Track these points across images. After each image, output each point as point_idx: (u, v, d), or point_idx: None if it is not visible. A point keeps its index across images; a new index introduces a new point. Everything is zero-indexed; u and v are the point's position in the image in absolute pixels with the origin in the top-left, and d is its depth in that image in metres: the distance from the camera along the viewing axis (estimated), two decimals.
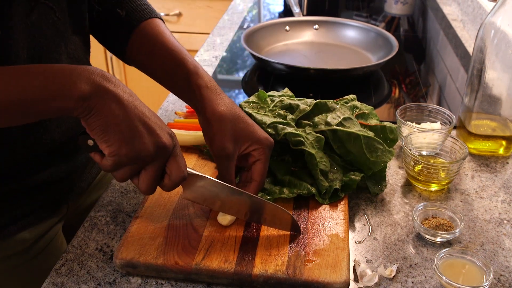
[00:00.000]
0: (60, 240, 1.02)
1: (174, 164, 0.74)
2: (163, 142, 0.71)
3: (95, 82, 0.67)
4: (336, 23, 1.67)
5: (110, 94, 0.68)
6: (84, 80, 0.66)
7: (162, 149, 0.71)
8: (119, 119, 0.68)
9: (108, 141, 0.69)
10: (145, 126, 0.70)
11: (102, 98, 0.67)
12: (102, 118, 0.68)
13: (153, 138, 0.70)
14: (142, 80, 2.63)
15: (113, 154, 0.69)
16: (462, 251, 0.79)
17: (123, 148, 0.69)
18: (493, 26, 1.00)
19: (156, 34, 0.94)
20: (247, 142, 0.86)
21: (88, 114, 0.67)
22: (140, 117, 0.70)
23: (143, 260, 0.77)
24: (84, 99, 0.66)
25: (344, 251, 0.80)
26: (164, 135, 0.72)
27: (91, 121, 0.68)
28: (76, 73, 0.67)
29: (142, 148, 0.69)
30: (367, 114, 1.02)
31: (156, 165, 0.72)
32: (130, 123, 0.69)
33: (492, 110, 1.06)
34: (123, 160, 0.70)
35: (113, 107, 0.68)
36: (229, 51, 1.64)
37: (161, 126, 0.72)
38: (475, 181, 1.01)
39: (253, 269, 0.76)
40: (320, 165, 0.91)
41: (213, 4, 2.50)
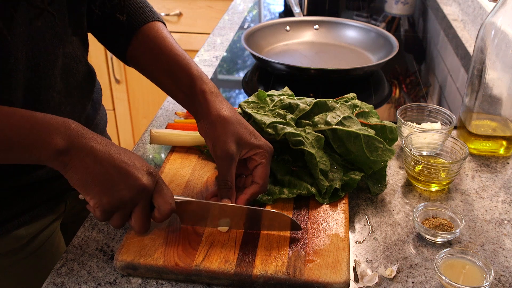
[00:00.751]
0: (58, 238, 1.02)
1: (159, 198, 0.77)
2: (140, 184, 0.74)
3: (71, 137, 0.71)
4: (337, 23, 1.67)
5: (84, 149, 0.71)
6: (60, 135, 0.70)
7: (141, 190, 0.75)
8: (95, 172, 0.72)
9: (89, 194, 0.73)
10: (121, 172, 0.73)
11: (77, 154, 0.71)
12: (78, 173, 0.72)
13: (130, 182, 0.73)
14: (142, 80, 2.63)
15: (97, 205, 0.73)
16: (463, 251, 0.79)
17: (104, 198, 0.73)
18: (494, 26, 1.00)
19: (158, 38, 0.95)
20: (248, 146, 0.87)
21: (64, 168, 0.71)
22: (115, 165, 0.73)
23: (143, 262, 0.77)
24: (59, 154, 0.70)
25: (344, 251, 0.79)
26: (142, 175, 0.75)
27: (69, 176, 0.72)
28: (53, 127, 0.70)
29: (122, 195, 0.73)
30: (367, 113, 1.02)
31: (141, 205, 0.76)
32: (105, 174, 0.72)
33: (492, 110, 1.06)
34: (107, 209, 0.74)
35: (87, 161, 0.71)
36: (229, 51, 1.64)
37: (139, 167, 0.75)
38: (475, 181, 1.01)
39: (253, 270, 0.76)
40: (320, 165, 0.91)
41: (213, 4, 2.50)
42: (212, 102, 0.88)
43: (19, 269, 0.94)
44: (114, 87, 2.67)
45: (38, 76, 0.82)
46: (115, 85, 2.66)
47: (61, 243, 1.03)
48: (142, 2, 0.98)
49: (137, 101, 2.73)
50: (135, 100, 2.73)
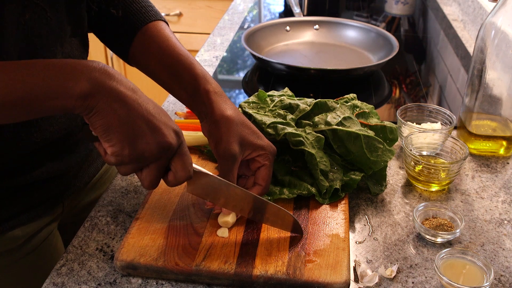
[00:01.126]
0: (55, 238, 1.02)
1: (179, 162, 0.73)
2: (167, 142, 0.70)
3: (96, 80, 0.66)
4: (337, 23, 1.67)
5: (112, 92, 0.67)
6: (85, 77, 0.65)
7: (166, 149, 0.71)
8: (121, 119, 0.67)
9: (111, 141, 0.68)
10: (149, 125, 0.69)
11: (104, 97, 0.66)
12: (103, 118, 0.67)
13: (157, 137, 0.69)
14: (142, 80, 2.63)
15: (116, 154, 0.69)
16: (463, 252, 0.79)
17: (126, 148, 0.68)
18: (494, 26, 1.00)
19: (161, 38, 0.94)
20: (251, 148, 0.86)
21: (89, 112, 0.67)
22: (143, 116, 0.69)
23: (143, 262, 0.77)
24: (85, 98, 0.65)
25: (344, 251, 0.79)
26: (169, 133, 0.71)
27: (93, 120, 0.67)
28: (77, 70, 0.66)
29: (145, 149, 0.69)
30: (367, 113, 1.02)
31: (160, 163, 0.72)
32: (132, 123, 0.68)
33: (492, 111, 1.06)
34: (125, 160, 0.69)
35: (115, 106, 0.67)
36: (229, 51, 1.64)
37: (166, 123, 0.71)
38: (475, 181, 1.01)
39: (254, 270, 0.76)
40: (320, 165, 0.91)
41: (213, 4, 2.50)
42: (216, 102, 0.87)
43: (16, 270, 0.94)
44: None
45: None
46: None
47: (59, 244, 1.03)
48: (144, 2, 0.98)
49: None
50: None
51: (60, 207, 1.01)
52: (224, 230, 0.83)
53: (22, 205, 0.91)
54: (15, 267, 0.94)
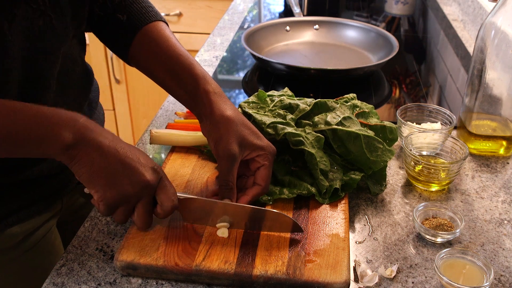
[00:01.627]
0: (54, 235, 1.02)
1: (162, 194, 0.78)
2: (144, 180, 0.75)
3: (78, 132, 0.72)
4: (337, 23, 1.67)
5: (91, 143, 0.72)
6: (68, 129, 0.71)
7: (145, 186, 0.75)
8: (100, 166, 0.73)
9: (94, 188, 0.74)
10: (126, 168, 0.74)
11: (84, 148, 0.72)
12: (85, 167, 0.73)
13: (135, 177, 0.75)
14: (142, 80, 2.63)
15: (101, 199, 0.74)
16: (463, 251, 0.79)
17: (108, 192, 0.74)
18: (494, 26, 1.00)
19: (161, 38, 0.94)
20: (251, 148, 0.86)
21: (71, 161, 0.72)
22: (121, 160, 0.74)
23: (143, 262, 0.77)
24: (67, 148, 0.71)
25: (344, 251, 0.79)
26: (146, 171, 0.76)
27: (76, 169, 0.73)
28: (62, 121, 0.72)
29: (126, 189, 0.74)
30: (367, 113, 1.02)
31: (144, 201, 0.77)
32: (111, 168, 0.73)
33: (492, 110, 1.06)
34: (111, 203, 0.75)
35: (94, 155, 0.72)
36: (229, 51, 1.64)
37: (143, 163, 0.76)
38: (475, 181, 1.01)
39: (253, 270, 0.76)
40: (320, 165, 0.91)
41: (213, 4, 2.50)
42: (215, 102, 0.88)
43: (15, 267, 0.95)
44: (114, 87, 2.67)
45: (34, 75, 0.82)
46: (115, 85, 2.66)
47: (57, 241, 1.03)
48: (144, 2, 0.98)
49: (137, 101, 2.73)
50: (135, 100, 2.73)
51: (59, 204, 1.01)
52: (224, 230, 0.83)
53: (20, 202, 0.91)
54: (13, 265, 0.94)
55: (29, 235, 0.94)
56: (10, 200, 0.89)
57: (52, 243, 1.01)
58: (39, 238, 0.97)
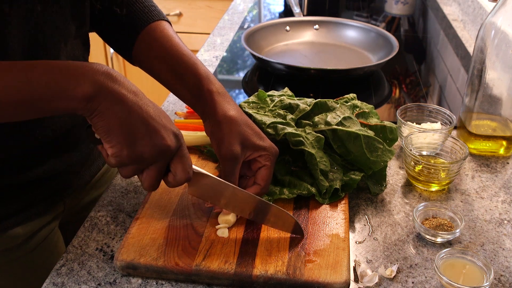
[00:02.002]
0: (57, 237, 1.02)
1: (179, 164, 0.74)
2: (165, 145, 0.71)
3: (99, 82, 0.67)
4: (337, 23, 1.67)
5: (114, 95, 0.68)
6: (88, 80, 0.67)
7: (164, 151, 0.72)
8: (121, 121, 0.68)
9: (111, 142, 0.69)
10: (148, 128, 0.70)
11: (106, 99, 0.67)
12: (105, 120, 0.68)
13: (156, 140, 0.71)
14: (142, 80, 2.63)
15: (115, 155, 0.70)
16: (463, 251, 0.79)
17: (125, 150, 0.69)
18: (494, 26, 1.00)
19: (164, 38, 0.94)
20: (253, 148, 0.86)
21: (91, 114, 0.68)
22: (143, 119, 0.70)
23: (143, 262, 0.77)
24: (88, 100, 0.67)
25: (344, 251, 0.79)
26: (168, 136, 0.72)
27: (95, 122, 0.69)
28: (81, 73, 0.67)
29: (144, 151, 0.70)
30: (367, 113, 1.02)
31: (159, 165, 0.73)
32: (132, 125, 0.69)
33: (492, 110, 1.06)
34: (125, 161, 0.71)
35: (116, 109, 0.68)
36: (229, 51, 1.64)
37: (166, 126, 0.72)
38: (475, 181, 1.01)
39: (254, 270, 0.76)
40: (320, 165, 0.91)
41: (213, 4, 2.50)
42: (218, 102, 0.87)
43: (16, 268, 0.95)
44: None
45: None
46: None
47: (60, 242, 1.03)
48: (147, 1, 0.98)
49: None
50: None
51: (61, 205, 1.01)
52: (224, 230, 0.83)
53: (23, 203, 0.91)
54: (15, 266, 0.94)
55: (31, 236, 0.94)
56: (12, 201, 0.89)
57: (55, 245, 1.01)
58: (41, 239, 0.97)
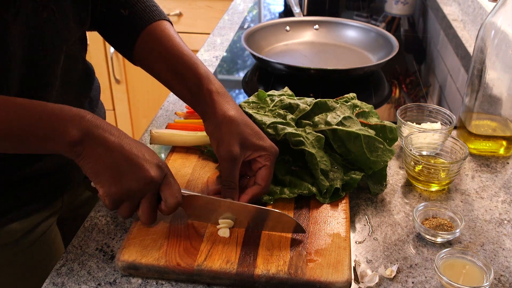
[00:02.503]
0: (54, 233, 1.02)
1: (167, 191, 0.79)
2: (149, 176, 0.76)
3: (85, 129, 0.73)
4: (337, 23, 1.67)
5: (98, 139, 0.73)
6: (75, 126, 0.72)
7: (149, 182, 0.76)
8: (106, 162, 0.74)
9: (99, 183, 0.75)
10: (131, 164, 0.75)
11: (90, 144, 0.73)
12: (91, 163, 0.74)
13: (140, 174, 0.75)
14: (142, 80, 2.63)
15: (106, 194, 0.75)
16: (463, 251, 0.79)
17: (113, 187, 0.75)
18: (494, 26, 1.00)
19: (165, 37, 0.95)
20: (253, 148, 0.86)
21: (77, 157, 0.74)
22: (126, 157, 0.75)
23: (145, 262, 0.77)
24: (74, 145, 0.72)
25: (345, 251, 0.80)
26: (151, 168, 0.76)
27: (82, 164, 0.74)
28: (69, 118, 0.72)
29: (131, 185, 0.75)
30: (367, 113, 1.02)
31: (149, 197, 0.77)
32: (115, 164, 0.74)
33: (492, 110, 1.06)
34: (116, 198, 0.75)
35: (100, 152, 0.74)
36: (229, 51, 1.64)
37: (148, 160, 0.77)
38: (475, 181, 1.01)
39: (255, 270, 0.76)
40: (321, 165, 0.91)
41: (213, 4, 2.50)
42: (218, 102, 0.88)
43: (14, 263, 0.95)
44: (114, 87, 2.67)
45: (35, 73, 0.82)
46: (115, 85, 2.66)
47: (57, 238, 1.04)
48: (148, 1, 0.98)
49: (137, 101, 2.73)
50: (135, 100, 2.73)
51: (60, 201, 1.01)
52: (225, 230, 0.83)
53: (20, 198, 0.91)
54: (13, 261, 0.94)
55: (29, 232, 0.95)
56: (10, 196, 0.89)
57: (52, 241, 1.01)
58: (39, 235, 0.97)
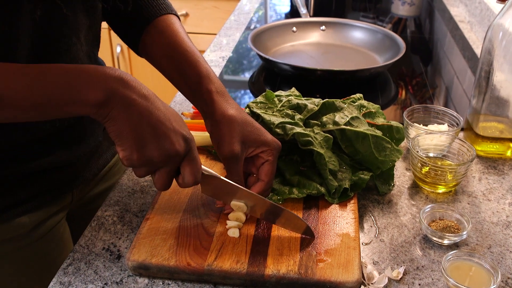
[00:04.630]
0: (63, 228, 1.03)
1: (187, 168, 0.76)
2: (173, 149, 0.73)
3: (111, 88, 0.69)
4: (343, 24, 1.67)
5: (125, 101, 0.70)
6: (100, 86, 0.69)
7: (172, 155, 0.73)
8: (131, 126, 0.71)
9: (122, 146, 0.72)
10: (157, 132, 0.72)
11: (117, 105, 0.70)
12: (116, 125, 0.70)
13: (164, 144, 0.72)
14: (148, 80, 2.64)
15: (126, 158, 0.72)
16: (470, 254, 0.79)
17: (134, 154, 0.72)
18: (502, 28, 1.00)
19: (170, 32, 0.95)
20: (255, 144, 0.86)
21: (103, 119, 0.71)
22: (153, 123, 0.72)
23: (155, 262, 0.77)
24: (100, 106, 0.69)
25: (355, 251, 0.80)
26: (177, 140, 0.73)
27: (107, 126, 0.71)
28: (93, 78, 0.69)
29: (153, 155, 0.72)
30: (374, 113, 1.02)
31: (169, 168, 0.75)
32: (142, 130, 0.71)
33: (500, 112, 1.06)
34: (135, 164, 0.73)
35: (127, 114, 0.70)
36: (235, 52, 1.64)
37: (176, 130, 0.74)
38: (482, 183, 1.01)
39: (265, 270, 0.76)
40: (329, 165, 0.91)
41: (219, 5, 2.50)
42: (217, 102, 0.88)
43: (22, 257, 0.95)
44: None
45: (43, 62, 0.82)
46: None
47: (66, 234, 1.04)
48: None
49: None
50: None
51: (69, 197, 1.01)
52: (235, 230, 0.83)
53: (30, 192, 0.91)
54: (21, 254, 0.95)
55: (37, 226, 0.95)
56: (19, 190, 0.90)
57: (61, 236, 1.01)
58: (48, 229, 0.98)
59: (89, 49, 0.93)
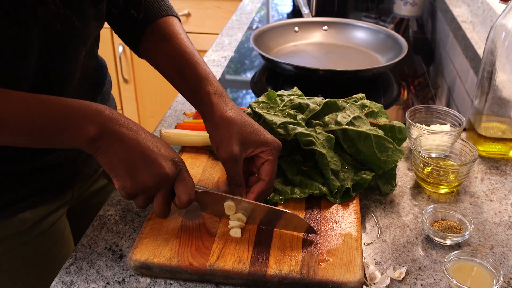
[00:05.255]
0: (64, 224, 1.03)
1: (180, 187, 0.80)
2: (163, 172, 0.77)
3: (102, 124, 0.74)
4: (345, 24, 1.67)
5: (114, 135, 0.75)
6: (93, 122, 0.74)
7: (163, 178, 0.77)
8: (121, 157, 0.75)
9: (115, 176, 0.76)
10: (147, 159, 0.76)
11: (107, 140, 0.74)
12: (107, 157, 0.75)
13: (155, 169, 0.76)
14: (150, 80, 2.64)
15: (121, 187, 0.77)
16: (472, 254, 0.79)
17: (127, 182, 0.76)
18: (504, 28, 0.99)
19: (170, 34, 0.95)
20: (254, 145, 0.87)
21: (95, 152, 0.75)
22: (142, 151, 0.76)
23: (157, 262, 0.78)
24: (92, 141, 0.74)
25: (357, 251, 0.80)
26: (166, 164, 0.77)
27: (99, 159, 0.76)
28: (87, 114, 0.74)
29: (145, 180, 0.76)
30: (376, 113, 1.02)
31: (163, 192, 0.79)
32: (132, 159, 0.76)
33: (502, 113, 1.06)
34: (130, 192, 0.77)
35: (116, 147, 0.75)
36: (237, 52, 1.65)
37: (164, 155, 0.78)
38: (484, 183, 1.01)
39: (268, 269, 0.76)
40: (331, 165, 0.91)
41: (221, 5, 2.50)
42: (216, 103, 0.88)
43: (24, 252, 0.96)
44: (123, 87, 2.68)
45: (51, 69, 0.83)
46: (123, 85, 2.67)
47: (67, 230, 1.05)
48: None
49: (145, 100, 2.73)
50: (143, 100, 2.73)
51: (70, 193, 1.02)
52: (236, 230, 0.83)
53: (32, 189, 0.92)
54: (22, 250, 0.95)
55: (39, 222, 0.96)
56: (22, 186, 0.91)
57: (62, 232, 1.02)
58: (49, 225, 0.98)
59: (91, 48, 0.94)
